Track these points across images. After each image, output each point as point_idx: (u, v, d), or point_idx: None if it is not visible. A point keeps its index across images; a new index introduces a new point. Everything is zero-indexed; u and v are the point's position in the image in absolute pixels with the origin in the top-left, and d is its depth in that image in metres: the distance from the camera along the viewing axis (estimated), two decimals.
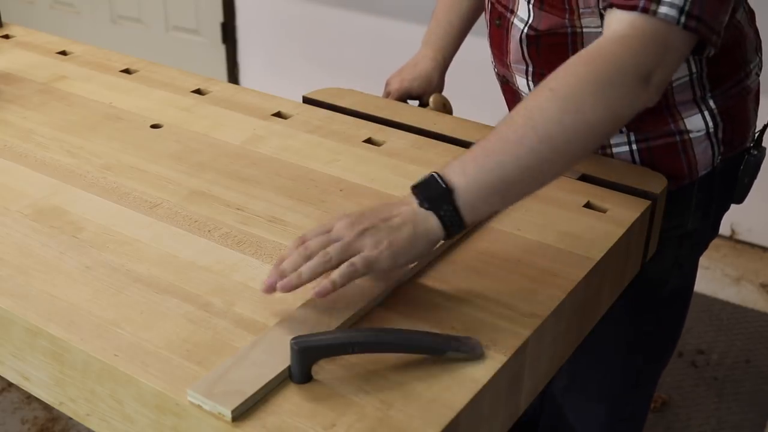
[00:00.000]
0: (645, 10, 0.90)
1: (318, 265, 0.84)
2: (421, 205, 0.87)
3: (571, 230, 1.03)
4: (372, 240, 0.85)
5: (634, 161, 1.16)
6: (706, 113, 1.13)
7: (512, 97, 1.26)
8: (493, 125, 1.28)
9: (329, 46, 3.03)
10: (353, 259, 0.84)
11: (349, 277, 0.84)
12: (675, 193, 1.16)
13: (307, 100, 1.39)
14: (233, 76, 3.32)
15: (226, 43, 3.28)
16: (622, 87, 0.89)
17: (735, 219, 2.58)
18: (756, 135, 1.20)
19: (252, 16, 3.21)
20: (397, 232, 0.86)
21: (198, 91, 1.40)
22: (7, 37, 1.63)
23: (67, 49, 1.56)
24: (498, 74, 1.27)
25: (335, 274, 0.84)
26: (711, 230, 1.26)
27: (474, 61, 1.73)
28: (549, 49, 1.12)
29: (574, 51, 1.08)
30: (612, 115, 0.90)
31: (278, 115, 1.33)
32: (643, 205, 1.09)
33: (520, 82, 1.20)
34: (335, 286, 0.84)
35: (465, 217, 0.87)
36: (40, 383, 0.90)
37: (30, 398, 1.95)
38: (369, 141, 1.25)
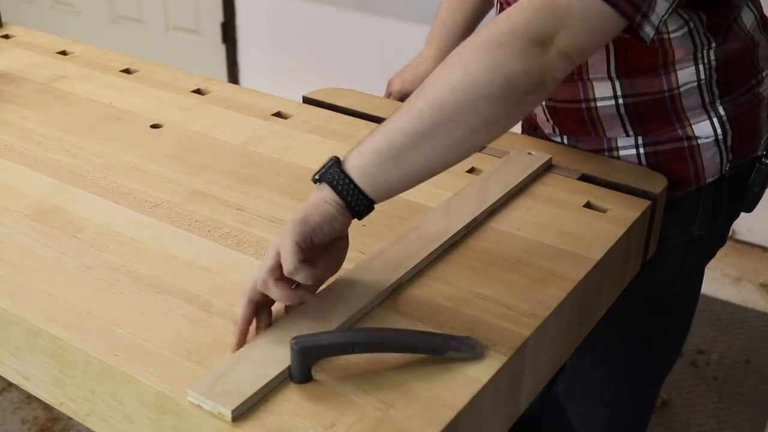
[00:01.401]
0: None
1: (259, 288, 0.84)
2: (314, 181, 0.88)
3: (571, 230, 1.03)
4: (282, 236, 0.84)
5: (640, 165, 1.15)
6: (714, 120, 1.11)
7: None
8: None
9: (329, 46, 3.03)
10: (252, 284, 0.84)
11: (308, 277, 0.84)
12: (681, 198, 1.15)
13: (307, 100, 1.38)
14: (233, 76, 3.32)
15: (226, 43, 3.28)
16: (511, 47, 0.84)
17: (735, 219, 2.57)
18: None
19: (252, 16, 3.21)
20: (296, 214, 0.86)
21: (198, 91, 1.40)
22: (7, 37, 1.63)
23: (67, 49, 1.56)
24: None
25: (299, 276, 0.83)
26: (718, 238, 1.24)
27: None
28: None
29: None
30: (503, 77, 0.84)
31: (278, 115, 1.33)
32: (643, 205, 1.09)
33: None
34: (307, 292, 0.86)
35: (357, 181, 0.86)
36: (40, 383, 0.90)
37: (30, 398, 1.95)
38: None
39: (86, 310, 0.88)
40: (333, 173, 0.86)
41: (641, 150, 1.14)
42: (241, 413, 0.75)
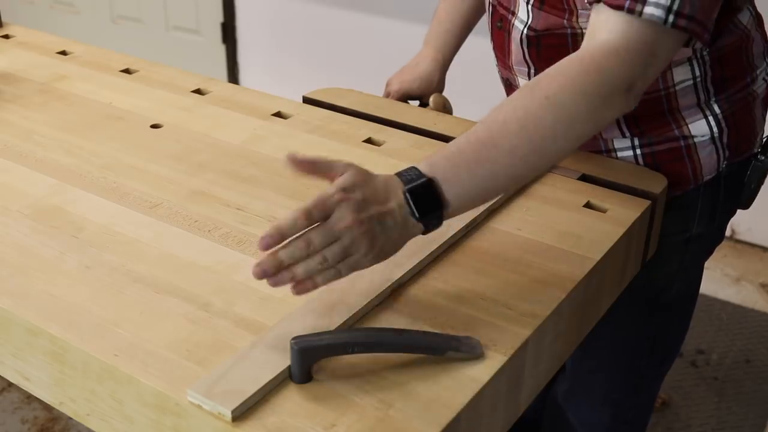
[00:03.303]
0: (630, 11, 0.89)
1: (314, 270, 0.82)
2: (413, 215, 0.84)
3: (571, 230, 1.03)
4: (366, 245, 0.82)
5: (637, 164, 1.16)
6: (710, 118, 1.12)
7: None
8: None
9: (329, 46, 3.03)
10: (342, 267, 0.83)
11: (332, 281, 0.83)
12: (680, 197, 1.15)
13: (307, 100, 1.38)
14: (233, 76, 3.32)
15: (226, 43, 3.28)
16: (611, 101, 0.89)
17: (735, 219, 2.55)
18: (764, 140, 1.19)
19: (252, 16, 3.21)
20: (388, 237, 0.84)
21: (198, 91, 1.40)
22: (7, 37, 1.63)
23: (67, 49, 1.56)
24: (501, 77, 1.26)
25: (321, 278, 0.82)
26: (717, 235, 1.25)
27: (475, 61, 1.73)
28: (549, 50, 1.11)
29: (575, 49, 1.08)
30: (596, 127, 0.90)
31: (278, 115, 1.33)
32: (643, 205, 1.09)
33: (522, 83, 1.19)
34: (315, 287, 0.83)
35: (445, 220, 0.87)
36: (40, 383, 0.90)
37: (30, 398, 1.95)
38: (369, 141, 1.25)
39: (86, 310, 0.88)
40: (435, 224, 0.86)
41: (638, 151, 1.15)
42: (241, 413, 0.75)
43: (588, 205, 1.09)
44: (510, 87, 1.25)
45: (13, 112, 1.32)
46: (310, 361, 0.79)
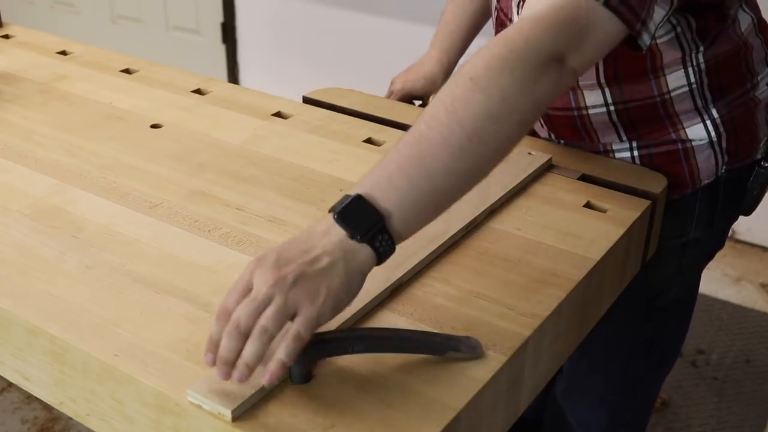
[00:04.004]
0: None
1: (261, 348, 0.73)
2: (352, 237, 0.76)
3: (571, 230, 1.03)
4: (306, 293, 0.74)
5: (638, 165, 1.16)
6: (708, 122, 1.11)
7: None
8: None
9: (329, 46, 3.03)
10: (297, 330, 0.74)
11: (296, 351, 0.74)
12: (677, 201, 1.15)
13: (307, 100, 1.38)
14: (233, 76, 3.32)
15: (226, 43, 3.28)
16: (543, 72, 0.82)
17: None
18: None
19: (252, 16, 3.21)
20: (330, 276, 0.75)
21: (198, 91, 1.40)
22: (7, 37, 1.63)
23: (67, 49, 1.56)
24: None
25: (283, 354, 0.73)
26: (716, 240, 1.24)
27: None
28: None
29: None
30: (535, 102, 0.83)
31: (278, 115, 1.33)
32: (643, 205, 1.09)
33: None
34: (285, 367, 0.74)
35: (398, 241, 0.79)
36: (40, 383, 0.90)
37: (30, 398, 1.95)
38: (369, 141, 1.25)
39: (86, 310, 0.88)
40: (383, 241, 0.77)
41: (635, 153, 1.15)
42: (241, 413, 0.75)
43: (588, 205, 1.09)
44: None
45: (13, 112, 1.32)
46: (310, 361, 0.79)
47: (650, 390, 1.37)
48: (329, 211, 0.79)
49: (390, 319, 0.88)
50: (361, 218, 0.77)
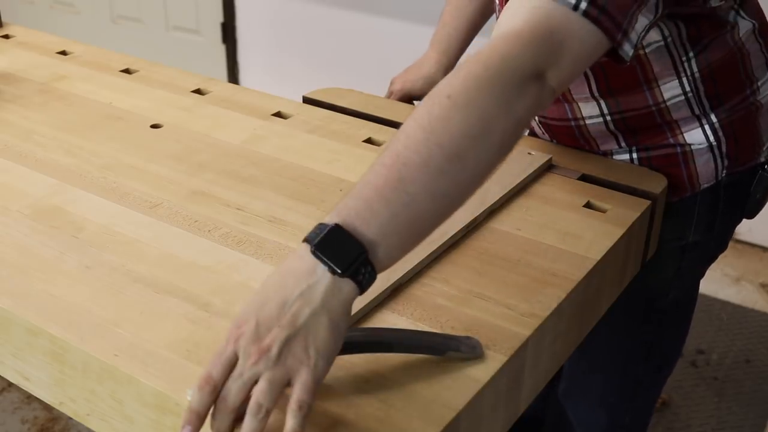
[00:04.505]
0: None
1: (260, 425, 0.69)
2: (333, 272, 0.71)
3: (571, 230, 1.03)
4: (295, 359, 0.69)
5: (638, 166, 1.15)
6: (707, 127, 1.10)
7: None
8: None
9: (329, 46, 3.03)
10: (299, 399, 0.69)
11: (305, 417, 0.69)
12: (676, 204, 1.14)
13: (307, 100, 1.38)
14: (233, 76, 3.32)
15: (226, 43, 3.28)
16: (522, 90, 0.79)
17: None
18: None
19: (252, 16, 3.21)
20: (315, 330, 0.70)
21: (198, 91, 1.40)
22: (7, 37, 1.63)
23: (67, 49, 1.56)
24: None
25: (294, 425, 0.69)
26: (717, 244, 1.23)
27: None
28: None
29: None
30: (516, 121, 0.79)
31: (278, 115, 1.33)
32: (643, 205, 1.09)
33: None
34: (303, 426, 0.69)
35: (380, 270, 0.74)
36: (40, 383, 0.90)
37: (30, 398, 1.95)
38: (369, 141, 1.25)
39: (86, 310, 0.88)
40: (366, 273, 0.72)
41: (634, 155, 1.14)
42: None
43: (588, 205, 1.09)
44: None
45: (13, 112, 1.32)
46: None
47: (650, 393, 1.36)
48: (304, 241, 0.73)
49: (390, 319, 0.88)
50: (342, 251, 0.72)
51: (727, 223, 1.21)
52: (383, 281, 0.91)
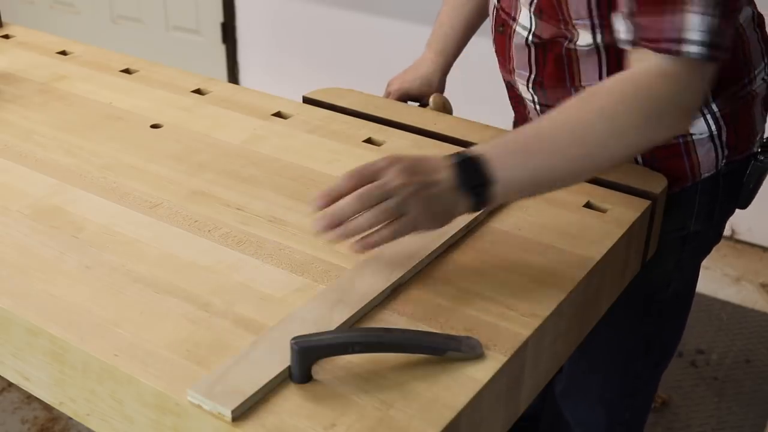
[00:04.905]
0: (678, 53, 0.91)
1: (374, 221, 0.88)
2: (461, 186, 0.89)
3: (571, 230, 1.03)
4: (419, 204, 0.88)
5: (636, 162, 1.16)
6: (708, 116, 1.12)
7: (517, 102, 1.26)
8: (494, 125, 1.30)
9: (329, 46, 3.03)
10: (403, 223, 0.88)
11: (395, 238, 0.89)
12: (677, 194, 1.15)
13: (307, 100, 1.38)
14: (233, 76, 3.32)
15: (226, 43, 3.28)
16: (668, 124, 0.93)
17: (735, 219, 2.56)
18: (765, 140, 1.19)
19: (252, 16, 3.21)
20: (439, 203, 0.89)
21: (198, 91, 1.40)
22: (7, 37, 1.63)
23: (67, 49, 1.56)
24: (504, 79, 1.27)
25: (383, 235, 0.88)
26: (714, 234, 1.25)
27: (475, 62, 1.73)
28: (551, 58, 1.12)
29: (569, 62, 1.10)
30: (648, 142, 0.95)
31: (278, 115, 1.33)
32: (643, 205, 1.09)
33: (521, 88, 1.20)
34: (375, 245, 0.89)
35: (493, 204, 0.93)
36: (40, 383, 0.90)
37: (30, 398, 1.95)
38: (369, 141, 1.25)
39: (86, 310, 0.88)
40: (482, 199, 0.90)
41: None
42: (241, 413, 0.75)
43: (588, 205, 1.09)
44: (512, 89, 1.25)
45: (13, 112, 1.32)
46: (310, 361, 0.79)
47: (648, 388, 1.37)
48: (451, 155, 0.90)
49: (390, 319, 0.88)
50: (473, 175, 0.89)
51: (725, 212, 1.23)
52: (383, 281, 0.91)
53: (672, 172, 1.14)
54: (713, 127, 1.12)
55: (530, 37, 1.12)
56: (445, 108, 1.38)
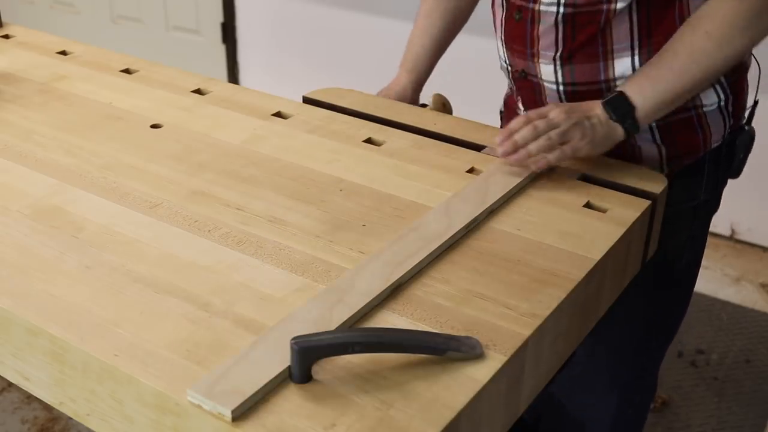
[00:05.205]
0: None
1: (543, 146, 1.10)
2: (611, 117, 1.12)
3: (571, 230, 1.03)
4: (579, 132, 1.10)
5: (654, 138, 1.20)
6: (717, 86, 1.19)
7: (531, 92, 1.27)
8: (493, 125, 1.30)
9: (329, 46, 3.03)
10: (566, 147, 1.10)
11: (561, 160, 1.11)
12: (691, 166, 1.21)
13: (307, 100, 1.39)
14: (233, 76, 3.32)
15: (226, 43, 3.28)
16: (764, 26, 1.08)
17: (735, 219, 2.57)
18: (750, 109, 1.26)
19: (252, 16, 3.21)
20: (597, 130, 1.11)
21: (198, 91, 1.40)
22: (7, 37, 1.63)
23: (67, 49, 1.56)
24: (514, 71, 1.28)
25: (552, 156, 1.10)
26: (715, 203, 1.32)
27: (474, 62, 1.73)
28: (582, 27, 1.16)
29: (603, 28, 1.15)
30: (753, 43, 1.11)
31: (278, 115, 1.33)
32: (643, 205, 1.09)
33: (545, 70, 1.22)
34: (549, 164, 1.11)
35: (641, 124, 1.13)
36: (40, 383, 0.90)
37: (30, 398, 1.95)
38: (369, 141, 1.25)
39: (86, 310, 0.88)
40: (630, 124, 1.12)
41: (653, 124, 1.19)
42: (241, 413, 0.75)
43: (588, 205, 1.09)
44: (524, 80, 1.26)
45: (13, 112, 1.32)
46: (310, 361, 0.79)
47: (656, 368, 1.41)
48: (601, 100, 1.14)
49: (390, 319, 0.88)
50: (619, 106, 1.12)
51: (724, 182, 1.29)
52: (383, 281, 0.91)
53: (687, 145, 1.21)
54: (722, 97, 1.19)
55: (561, 10, 1.15)
56: (445, 107, 1.38)
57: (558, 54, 1.19)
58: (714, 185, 1.27)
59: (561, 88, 1.21)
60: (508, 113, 1.38)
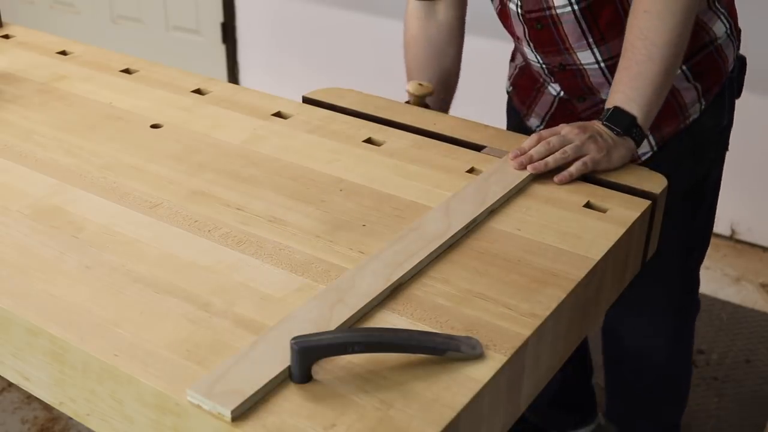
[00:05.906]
0: None
1: (559, 159, 1.12)
2: (619, 134, 1.15)
3: (571, 230, 1.03)
4: (595, 146, 1.13)
5: (688, 80, 1.29)
6: (721, 16, 1.29)
7: (573, 79, 1.33)
8: (493, 125, 1.30)
9: (329, 46, 3.03)
10: (585, 159, 1.12)
11: (582, 172, 1.12)
12: (717, 94, 1.31)
13: (307, 100, 1.38)
14: (233, 76, 3.32)
15: (226, 43, 3.28)
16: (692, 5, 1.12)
17: (735, 219, 2.57)
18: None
19: (252, 16, 3.21)
20: (609, 146, 1.13)
21: (198, 91, 1.40)
22: (7, 37, 1.63)
23: (67, 49, 1.56)
24: (552, 67, 1.32)
25: (574, 169, 1.12)
26: (730, 125, 1.40)
27: (473, 62, 1.73)
28: (604, 14, 1.22)
29: (624, 5, 1.21)
30: (691, 5, 1.13)
31: (278, 115, 1.33)
32: (643, 205, 1.09)
33: (584, 56, 1.27)
34: (571, 177, 1.12)
35: (645, 128, 1.16)
36: (40, 383, 0.90)
37: (30, 398, 1.95)
38: (369, 141, 1.25)
39: (86, 310, 0.88)
40: (636, 133, 1.15)
41: (684, 66, 1.28)
42: (241, 413, 0.75)
43: (588, 205, 1.09)
44: (563, 72, 1.32)
45: (13, 112, 1.32)
46: (310, 361, 0.79)
47: (697, 282, 1.53)
48: (599, 119, 1.17)
49: (390, 319, 0.88)
50: (621, 121, 1.15)
51: (735, 103, 1.39)
52: (383, 281, 0.91)
53: (714, 78, 1.30)
54: (726, 25, 1.29)
55: (576, 8, 1.21)
56: (422, 87, 1.36)
57: (590, 40, 1.25)
58: (731, 108, 1.36)
59: (603, 65, 1.28)
60: (521, 93, 1.44)
